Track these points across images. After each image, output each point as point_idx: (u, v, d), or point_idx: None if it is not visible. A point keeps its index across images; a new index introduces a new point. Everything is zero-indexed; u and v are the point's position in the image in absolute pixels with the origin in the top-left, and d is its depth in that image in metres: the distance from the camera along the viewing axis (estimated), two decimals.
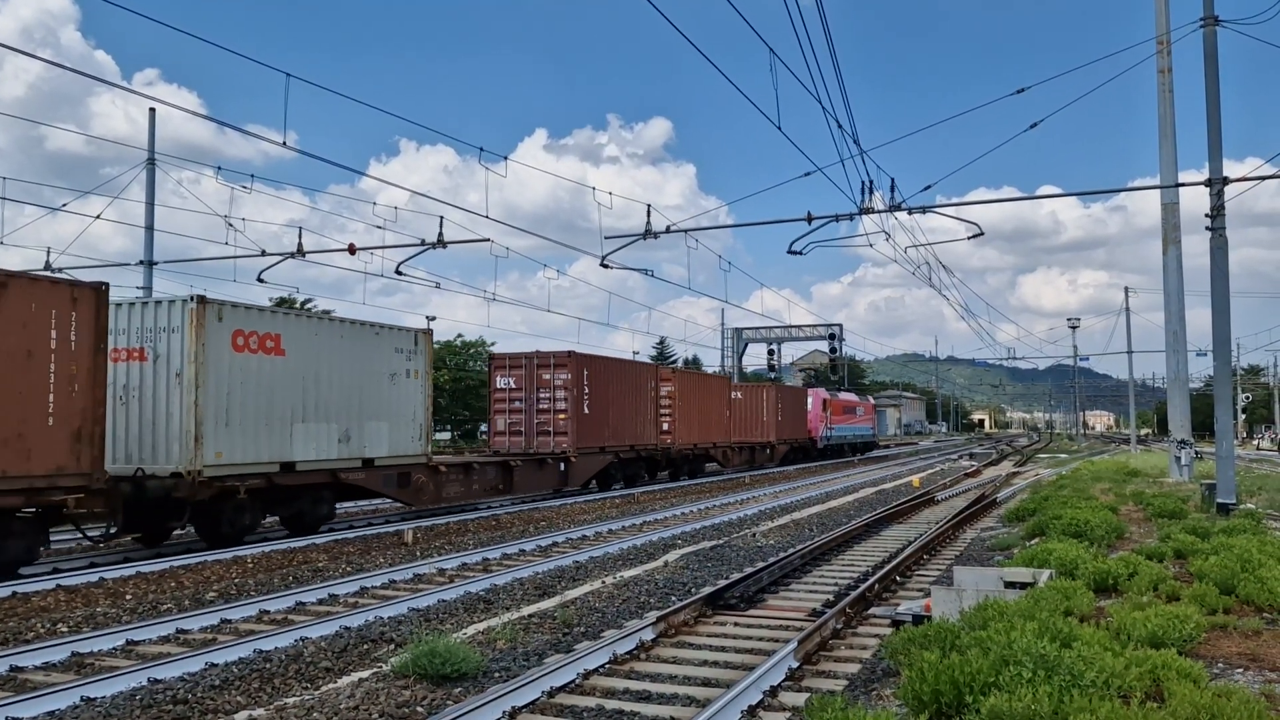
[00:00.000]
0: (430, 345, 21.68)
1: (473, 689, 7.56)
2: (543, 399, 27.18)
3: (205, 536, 16.72)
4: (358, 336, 19.32)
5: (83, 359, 13.57)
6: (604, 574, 13.37)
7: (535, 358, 27.77)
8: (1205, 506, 17.46)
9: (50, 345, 13.18)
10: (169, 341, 15.90)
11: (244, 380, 16.57)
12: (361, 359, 19.29)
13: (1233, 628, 7.87)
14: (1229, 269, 18.20)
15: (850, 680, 7.80)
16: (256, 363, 16.88)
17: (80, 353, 13.54)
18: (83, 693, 7.39)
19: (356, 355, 19.17)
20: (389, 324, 20.47)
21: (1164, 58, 23.93)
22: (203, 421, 15.70)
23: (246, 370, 16.64)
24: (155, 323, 16.04)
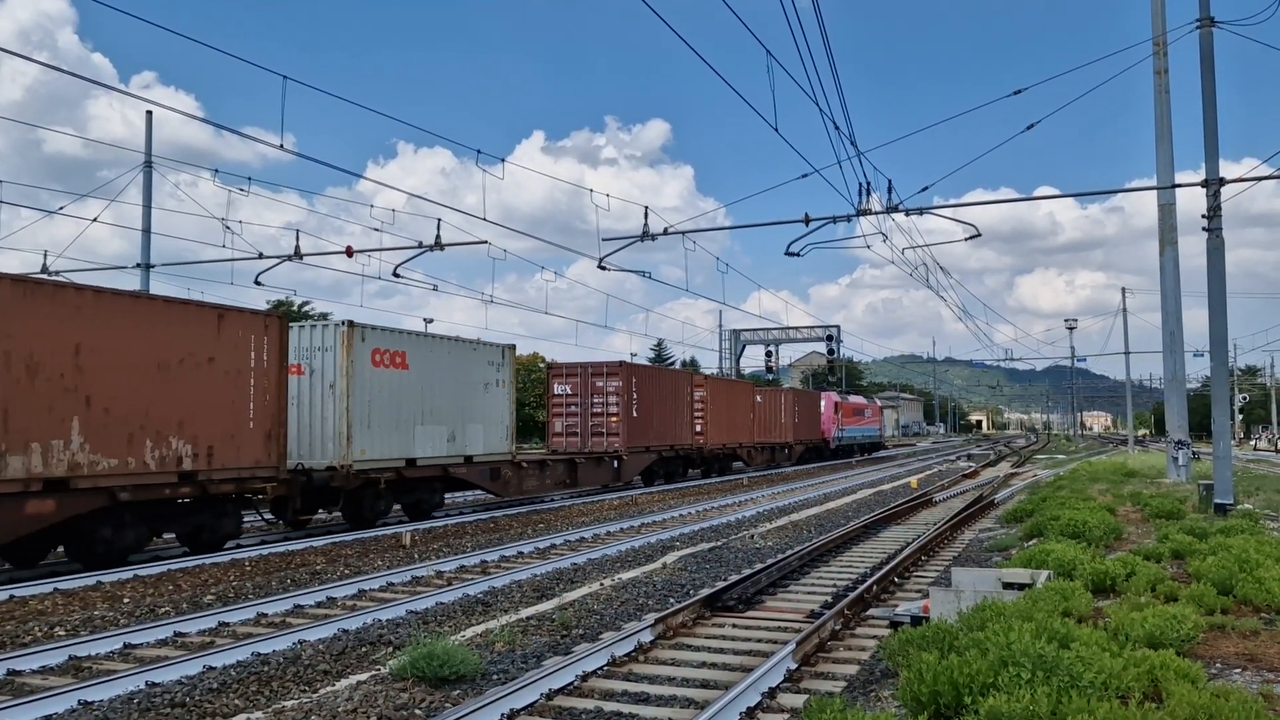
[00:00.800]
0: (513, 358, 24.83)
1: (471, 691, 7.55)
2: (596, 404, 30.20)
3: (350, 519, 19.91)
4: (460, 352, 22.55)
5: (271, 374, 16.81)
6: (602, 576, 13.37)
7: (590, 367, 30.83)
8: (1203, 507, 17.47)
9: (250, 364, 16.42)
10: (323, 359, 18.91)
11: (380, 390, 19.61)
12: (463, 371, 22.43)
13: (1230, 628, 7.88)
14: (1226, 269, 18.22)
15: (849, 682, 7.80)
16: (388, 376, 19.91)
17: (270, 369, 16.78)
18: (80, 696, 7.37)
19: (459, 368, 22.32)
20: (484, 341, 23.74)
21: (1160, 59, 23.97)
22: (351, 425, 18.78)
23: (381, 382, 19.68)
24: (311, 343, 18.97)
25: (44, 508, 13.15)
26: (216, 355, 15.82)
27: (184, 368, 15.24)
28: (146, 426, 14.57)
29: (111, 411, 14.05)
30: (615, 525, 20.05)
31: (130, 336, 14.44)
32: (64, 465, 13.38)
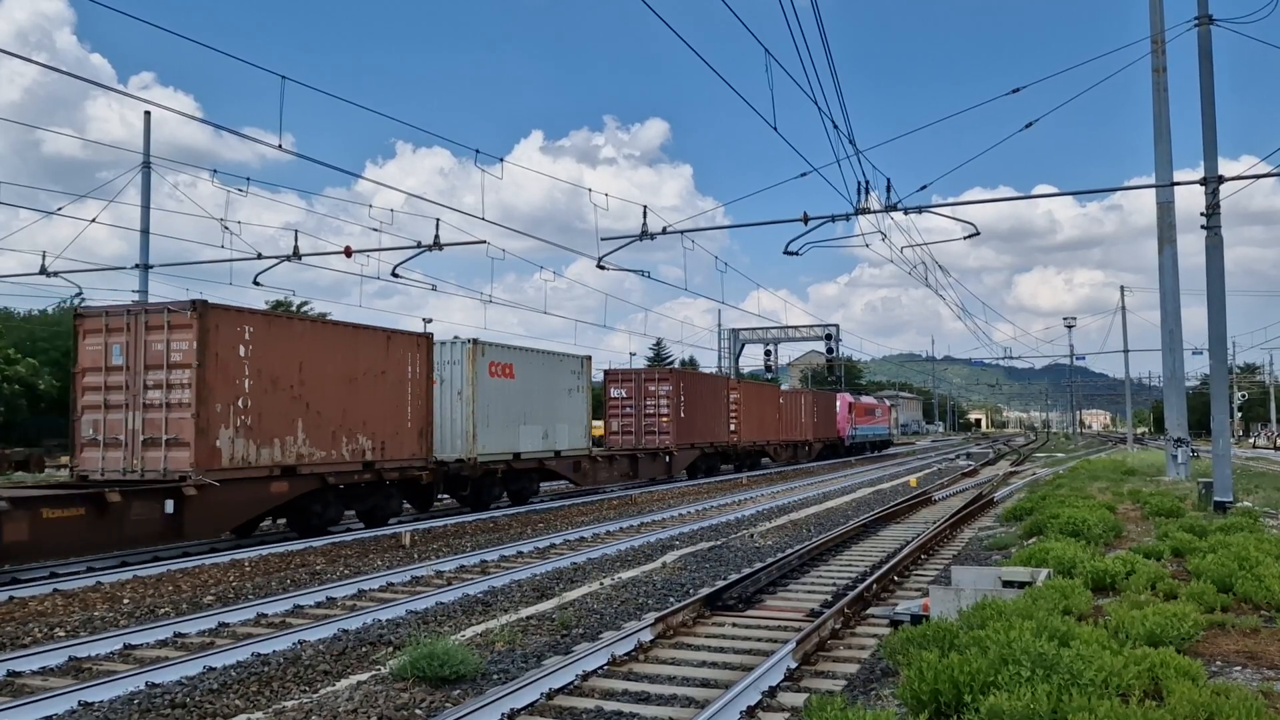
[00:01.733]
0: (590, 368, 28.73)
1: (471, 691, 7.55)
2: (649, 406, 34.10)
3: (471, 503, 23.67)
4: (550, 363, 26.58)
5: (421, 384, 20.75)
6: (602, 575, 13.37)
7: (643, 373, 35.57)
8: (1202, 505, 17.47)
9: (408, 375, 20.34)
10: (452, 370, 22.70)
11: (495, 396, 23.45)
12: (552, 379, 26.29)
13: (1230, 626, 7.88)
14: (1224, 267, 18.23)
15: (849, 680, 7.80)
16: (501, 384, 23.81)
17: (420, 380, 20.72)
18: (80, 697, 7.37)
19: (550, 376, 26.20)
20: (567, 353, 27.75)
21: (1159, 57, 23.97)
22: (475, 425, 22.59)
23: (496, 389, 23.55)
24: (443, 357, 22.44)
25: (281, 488, 17.19)
26: (386, 369, 19.71)
27: (365, 380, 19.12)
28: (343, 426, 18.52)
29: (321, 415, 17.97)
30: (615, 525, 20.05)
31: (331, 356, 18.32)
32: (293, 456, 17.30)
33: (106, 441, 16.15)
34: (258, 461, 16.51)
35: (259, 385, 16.59)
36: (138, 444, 15.91)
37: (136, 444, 15.91)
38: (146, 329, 16.03)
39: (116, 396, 16.14)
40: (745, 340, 63.74)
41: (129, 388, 16.05)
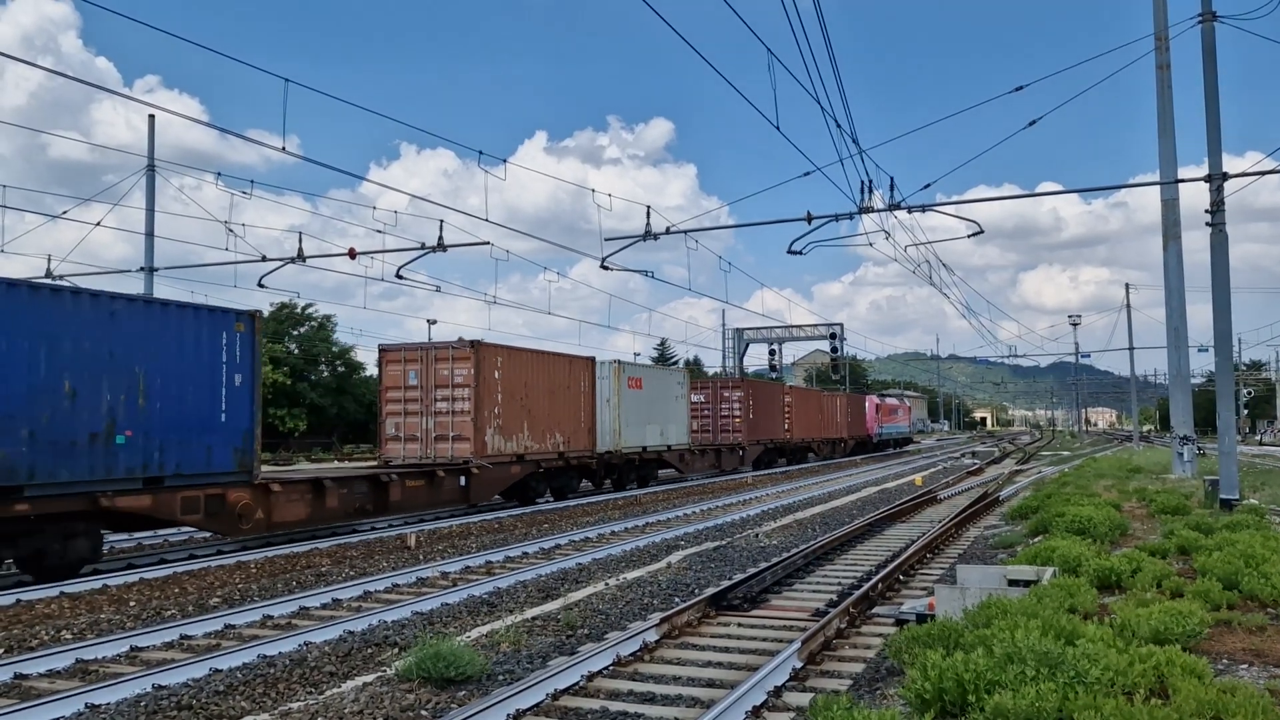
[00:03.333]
0: (689, 378, 37.04)
1: (477, 692, 7.56)
2: (723, 409, 40.90)
3: (614, 487, 30.27)
4: (664, 376, 34.38)
5: (589, 394, 27.78)
6: (607, 576, 13.37)
7: (718, 382, 43.47)
8: (1208, 503, 17.44)
9: (581, 388, 27.40)
10: (602, 384, 28.90)
11: (630, 403, 30.19)
12: (665, 389, 33.30)
13: (1237, 624, 7.86)
14: (1230, 264, 18.19)
15: (854, 680, 7.79)
16: (634, 393, 30.61)
17: (588, 391, 27.76)
18: (87, 699, 7.39)
19: (663, 386, 33.30)
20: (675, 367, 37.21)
21: (1163, 54, 23.92)
22: (620, 424, 29.41)
23: (631, 398, 30.29)
24: (595, 373, 28.59)
25: (516, 470, 24.25)
26: (569, 384, 26.68)
27: (558, 392, 26.12)
28: (548, 426, 25.38)
29: (536, 418, 24.92)
30: (620, 525, 20.05)
31: (541, 376, 25.36)
32: (522, 448, 24.25)
33: (405, 438, 23.05)
34: (505, 451, 23.67)
35: (505, 398, 23.68)
36: (430, 440, 22.85)
37: (429, 440, 22.86)
38: (435, 360, 22.96)
39: (413, 406, 22.96)
40: (750, 340, 63.65)
41: (422, 400, 22.91)
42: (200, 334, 15.77)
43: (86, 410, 13.84)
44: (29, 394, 13.13)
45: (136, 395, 14.64)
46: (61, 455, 13.46)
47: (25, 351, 13.12)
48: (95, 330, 14.06)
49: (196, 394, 15.61)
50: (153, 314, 15.21)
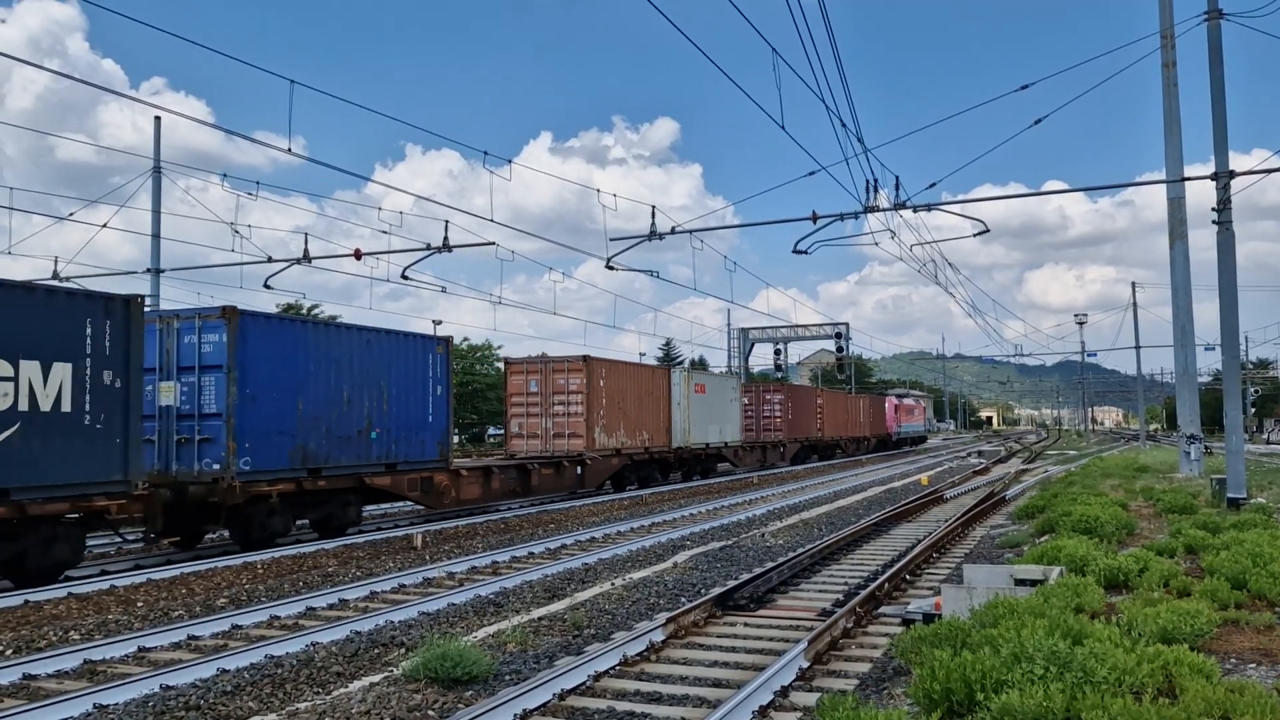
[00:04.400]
0: (741, 384, 42.63)
1: (484, 692, 7.56)
2: (765, 410, 45.72)
3: (684, 477, 35.06)
4: (721, 381, 39.60)
5: (666, 398, 32.44)
6: (613, 576, 13.37)
7: (761, 386, 49.14)
8: (1216, 502, 17.39)
9: (662, 393, 32.40)
10: (675, 390, 33.15)
11: (696, 406, 35.00)
12: (722, 393, 38.13)
13: (1245, 623, 7.85)
14: (1236, 262, 18.14)
15: (861, 680, 7.79)
16: (699, 398, 35.40)
17: (665, 395, 32.44)
18: (95, 700, 7.41)
19: (722, 391, 38.16)
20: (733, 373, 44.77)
21: (1168, 52, 23.86)
22: (690, 424, 34.24)
23: (697, 401, 35.14)
24: (671, 381, 33.14)
25: (615, 462, 29.11)
26: (652, 389, 31.67)
27: (644, 396, 31.00)
28: (637, 426, 30.32)
29: (629, 419, 29.77)
30: (625, 525, 20.05)
31: (631, 383, 30.31)
32: (619, 443, 29.15)
33: (527, 435, 28.06)
34: (608, 446, 28.48)
35: (608, 403, 28.47)
36: (549, 437, 27.79)
37: (548, 437, 27.79)
38: (553, 371, 28.11)
39: (534, 410, 28.06)
40: (755, 339, 63.62)
41: (542, 405, 27.99)
42: (416, 355, 20.32)
43: (355, 414, 18.60)
44: (325, 402, 17.88)
45: (382, 402, 19.30)
46: (342, 446, 18.31)
47: (323, 372, 17.92)
48: (359, 354, 18.83)
49: (415, 401, 20.24)
50: (391, 341, 19.79)
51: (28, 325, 12.65)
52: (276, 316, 19.13)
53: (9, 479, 12.34)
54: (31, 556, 12.99)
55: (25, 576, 13.00)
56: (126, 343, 13.94)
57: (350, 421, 18.44)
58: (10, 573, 13.07)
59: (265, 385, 16.76)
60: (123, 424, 13.84)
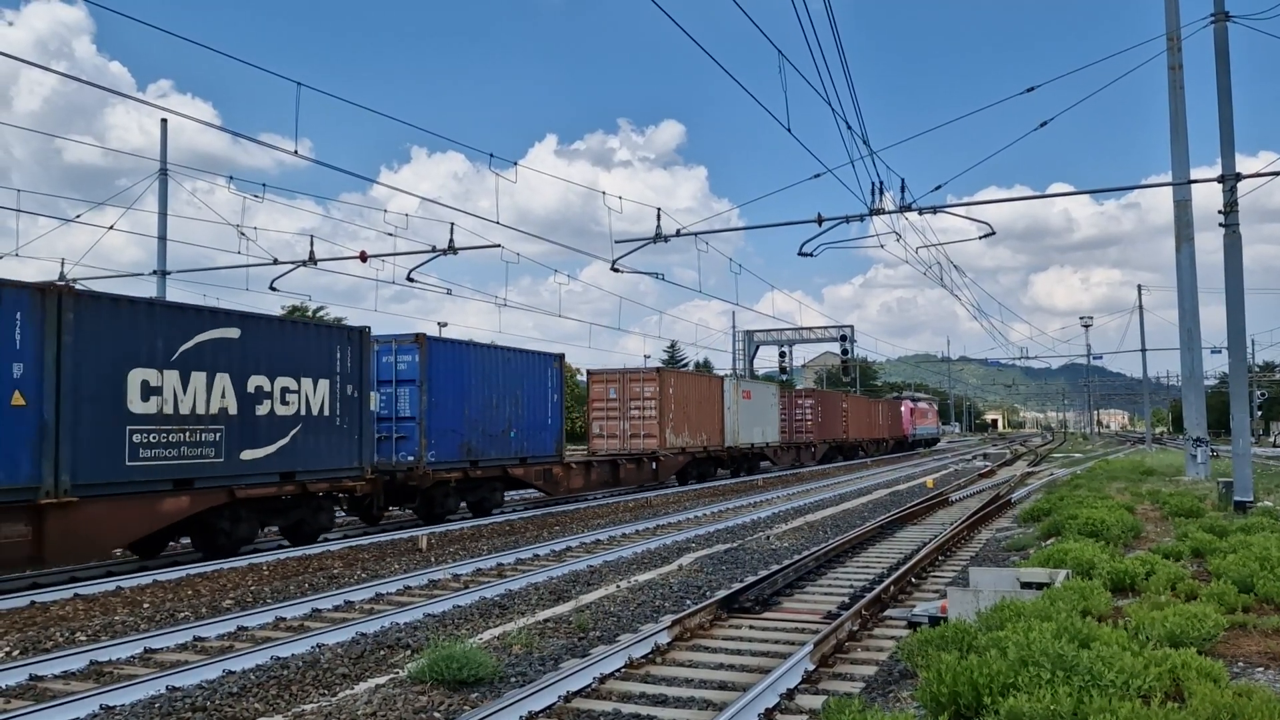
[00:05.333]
0: (780, 389, 47.00)
1: (489, 694, 7.56)
2: (798, 413, 49.72)
3: (733, 473, 39.50)
4: (763, 388, 43.72)
5: (719, 402, 36.55)
6: (618, 578, 13.37)
7: (794, 392, 52.75)
8: (1222, 505, 17.35)
9: (715, 399, 36.34)
10: (726, 395, 37.27)
11: (743, 409, 39.08)
12: (764, 398, 42.46)
13: (1252, 626, 7.82)
14: (1243, 265, 18.09)
15: (867, 682, 7.78)
16: (745, 403, 39.47)
17: (718, 400, 36.55)
18: (101, 701, 7.42)
19: (764, 397, 42.52)
20: (771, 381, 49.04)
21: (1174, 54, 23.82)
22: (738, 426, 38.36)
23: (744, 405, 39.13)
24: (724, 388, 37.46)
25: (681, 459, 33.14)
26: (709, 396, 36.01)
27: (703, 402, 35.27)
28: (697, 428, 34.29)
29: (690, 421, 33.77)
30: (630, 527, 20.04)
31: (692, 390, 34.58)
32: (684, 443, 33.02)
33: (606, 435, 32.15)
34: (675, 445, 32.64)
35: (675, 407, 32.66)
36: (626, 436, 31.90)
37: (626, 437, 31.89)
38: (629, 381, 32.33)
39: (613, 413, 32.20)
40: (760, 342, 63.58)
41: (620, 408, 32.14)
42: (540, 369, 24.83)
43: (500, 417, 23.02)
44: (481, 408, 22.34)
45: (517, 408, 23.73)
46: (492, 443, 22.72)
47: (480, 384, 22.42)
48: (502, 369, 23.29)
49: (539, 407, 24.69)
50: (522, 357, 24.49)
51: (304, 352, 16.99)
52: (450, 340, 22.83)
53: (295, 465, 16.68)
54: (306, 522, 17.62)
55: (299, 537, 17.59)
56: (360, 363, 18.20)
57: (497, 423, 23.01)
58: (290, 534, 17.62)
59: (443, 395, 21.06)
60: (359, 425, 18.11)
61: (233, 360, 15.57)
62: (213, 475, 15.16)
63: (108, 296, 14.26)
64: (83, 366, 13.25)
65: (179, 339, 14.75)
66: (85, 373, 13.29)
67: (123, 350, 13.86)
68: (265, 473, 16.13)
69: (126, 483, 13.82)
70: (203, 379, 15.05)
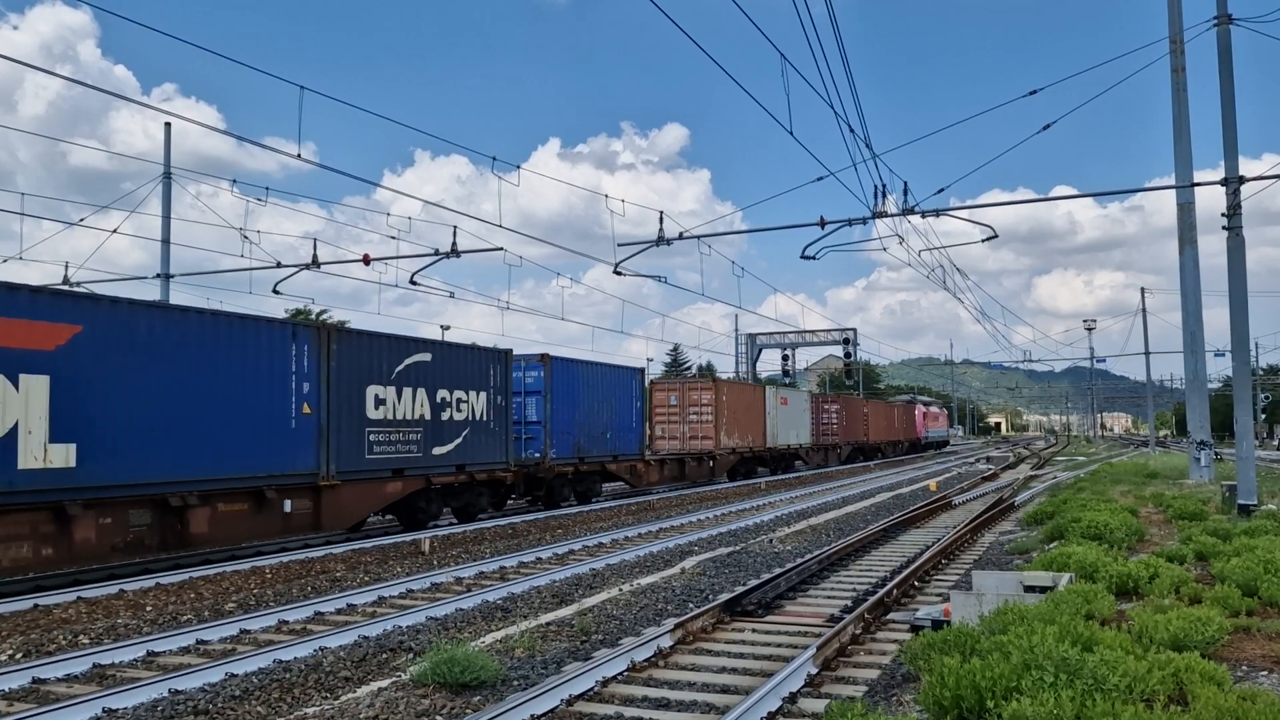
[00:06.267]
0: (811, 395, 52.72)
1: (491, 697, 7.56)
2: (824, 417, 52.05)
3: (773, 470, 43.24)
4: (798, 395, 48.79)
5: (761, 408, 41.45)
6: (621, 581, 13.36)
7: (820, 397, 54.98)
8: (1226, 508, 17.32)
9: (758, 405, 41.39)
10: (767, 401, 41.81)
11: (782, 414, 43.43)
12: (798, 404, 47.10)
13: (1256, 630, 7.80)
14: (1247, 268, 18.08)
15: (870, 686, 7.76)
16: (783, 408, 43.74)
17: (760, 406, 41.53)
18: (104, 704, 7.43)
19: (798, 402, 47.24)
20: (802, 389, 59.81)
21: (1178, 57, 23.81)
22: (777, 428, 42.72)
23: (782, 410, 43.62)
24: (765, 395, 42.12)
25: (733, 457, 38.17)
26: (753, 403, 40.57)
27: (749, 408, 39.86)
28: (744, 431, 38.94)
29: (740, 424, 38.48)
30: (633, 530, 20.04)
31: (740, 398, 39.05)
32: (734, 444, 37.95)
33: (667, 437, 36.61)
34: (727, 445, 37.27)
35: (728, 413, 37.37)
36: (685, 438, 36.44)
37: (685, 438, 36.43)
38: (688, 389, 37.55)
39: (674, 418, 36.94)
40: (763, 345, 63.59)
41: (680, 414, 36.87)
42: (627, 380, 29.65)
43: (599, 421, 27.46)
44: (586, 413, 26.72)
45: (612, 414, 28.24)
46: (594, 442, 27.14)
47: (585, 393, 26.82)
48: (599, 380, 27.84)
49: (627, 412, 29.29)
50: (615, 371, 29.33)
51: (470, 370, 21.55)
52: (565, 359, 26.40)
53: (465, 459, 21.25)
54: (471, 504, 22.26)
55: (464, 516, 22.16)
56: (506, 378, 22.87)
57: (597, 426, 27.36)
58: (459, 514, 22.12)
59: (561, 403, 25.39)
60: (505, 428, 22.73)
61: (426, 378, 20.01)
62: (416, 466, 19.76)
63: (354, 331, 19.23)
64: (340, 384, 17.56)
65: (395, 361, 19.07)
66: (341, 389, 17.60)
67: (362, 371, 18.20)
68: (448, 465, 20.72)
69: (366, 471, 18.32)
70: (409, 392, 19.48)
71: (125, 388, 13.83)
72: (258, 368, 16.00)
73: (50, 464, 12.80)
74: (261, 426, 16.02)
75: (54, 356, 13.00)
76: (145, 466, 14.07)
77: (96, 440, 13.35)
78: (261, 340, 16.18)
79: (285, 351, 16.60)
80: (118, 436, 13.67)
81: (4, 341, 12.39)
